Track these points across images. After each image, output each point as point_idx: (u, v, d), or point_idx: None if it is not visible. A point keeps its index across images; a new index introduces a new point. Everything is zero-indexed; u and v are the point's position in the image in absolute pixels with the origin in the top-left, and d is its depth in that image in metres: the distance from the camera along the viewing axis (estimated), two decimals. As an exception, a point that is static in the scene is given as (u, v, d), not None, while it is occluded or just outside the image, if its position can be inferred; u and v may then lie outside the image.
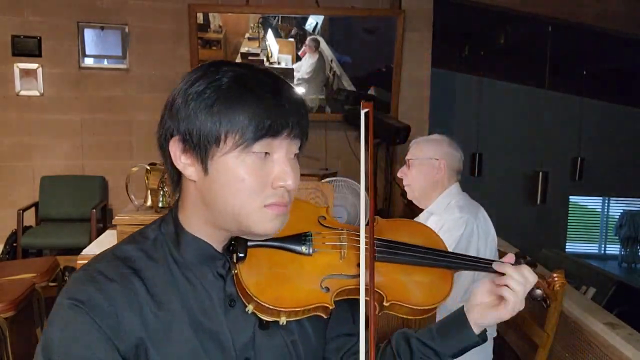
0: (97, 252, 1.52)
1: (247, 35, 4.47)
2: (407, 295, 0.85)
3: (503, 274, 0.86)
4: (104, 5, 4.39)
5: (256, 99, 0.72)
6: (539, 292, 0.90)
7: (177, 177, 0.80)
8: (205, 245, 0.80)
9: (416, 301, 0.85)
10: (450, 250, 1.65)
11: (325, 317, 0.82)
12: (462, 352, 0.88)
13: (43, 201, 4.25)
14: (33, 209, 4.21)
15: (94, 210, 3.90)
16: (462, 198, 1.88)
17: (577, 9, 4.66)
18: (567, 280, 2.12)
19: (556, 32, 4.91)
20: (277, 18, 4.46)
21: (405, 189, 1.96)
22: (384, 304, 0.84)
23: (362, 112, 0.91)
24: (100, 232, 3.59)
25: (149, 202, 1.59)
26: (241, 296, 0.78)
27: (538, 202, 5.87)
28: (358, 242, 0.84)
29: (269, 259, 0.81)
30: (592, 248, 8.41)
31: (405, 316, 0.86)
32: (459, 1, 4.92)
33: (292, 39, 4.50)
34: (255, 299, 0.76)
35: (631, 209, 7.98)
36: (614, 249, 8.33)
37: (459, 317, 0.88)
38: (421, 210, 1.96)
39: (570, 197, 7.52)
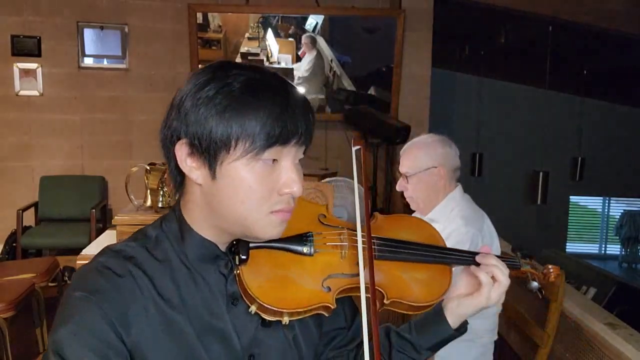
0: (97, 252, 1.52)
1: (247, 35, 4.47)
2: (407, 293, 0.86)
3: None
4: (104, 5, 4.39)
5: (267, 106, 0.71)
6: (535, 284, 0.93)
7: (180, 178, 0.79)
8: (210, 245, 0.80)
9: (416, 298, 0.86)
10: None
11: (327, 315, 0.82)
12: (439, 345, 0.90)
13: (43, 201, 4.25)
14: (33, 209, 4.21)
15: (94, 210, 3.90)
16: (465, 205, 1.78)
17: (577, 9, 4.66)
18: (567, 280, 2.11)
19: (556, 32, 4.90)
20: (277, 18, 4.47)
21: (408, 200, 1.87)
22: (385, 301, 0.85)
23: (354, 149, 0.88)
24: (99, 232, 3.59)
25: (148, 202, 1.59)
26: (243, 296, 0.79)
27: (538, 202, 5.86)
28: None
29: (271, 260, 0.81)
30: (592, 248, 8.41)
31: (405, 312, 0.87)
32: (459, 1, 4.92)
33: (292, 39, 4.50)
34: (258, 300, 0.76)
35: (631, 209, 7.98)
36: (614, 249, 8.34)
37: (437, 311, 0.90)
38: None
39: (571, 197, 7.52)
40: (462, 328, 0.90)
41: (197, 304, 0.77)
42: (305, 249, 0.82)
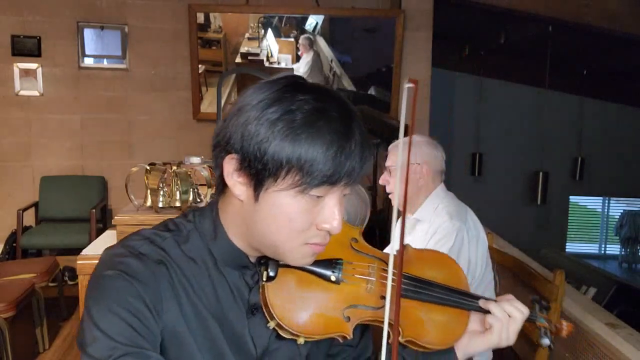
0: (97, 253, 1.51)
1: (247, 35, 4.47)
2: (422, 334, 0.86)
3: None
4: (104, 5, 4.39)
5: (326, 143, 0.68)
6: (546, 341, 0.92)
7: (222, 185, 0.77)
8: (240, 254, 0.80)
9: (430, 340, 0.86)
10: None
11: (341, 341, 0.82)
12: None
13: (43, 201, 4.25)
14: (33, 209, 4.21)
15: (94, 210, 3.90)
16: (449, 201, 1.82)
17: (577, 8, 4.66)
18: (567, 280, 2.11)
19: (556, 32, 4.90)
20: (276, 18, 4.47)
21: (389, 196, 1.88)
22: (399, 339, 0.84)
23: (406, 86, 0.78)
24: (99, 232, 3.58)
25: (148, 202, 1.59)
26: (264, 310, 0.79)
27: (538, 202, 5.86)
28: (386, 277, 0.81)
29: (296, 280, 0.81)
30: (592, 248, 8.40)
31: (416, 350, 0.88)
32: (459, 1, 4.92)
33: (292, 39, 4.50)
34: (278, 320, 0.77)
35: (631, 209, 7.97)
36: (614, 249, 8.33)
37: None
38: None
39: (571, 197, 7.51)
40: None
41: (222, 304, 0.78)
42: (332, 277, 0.81)
